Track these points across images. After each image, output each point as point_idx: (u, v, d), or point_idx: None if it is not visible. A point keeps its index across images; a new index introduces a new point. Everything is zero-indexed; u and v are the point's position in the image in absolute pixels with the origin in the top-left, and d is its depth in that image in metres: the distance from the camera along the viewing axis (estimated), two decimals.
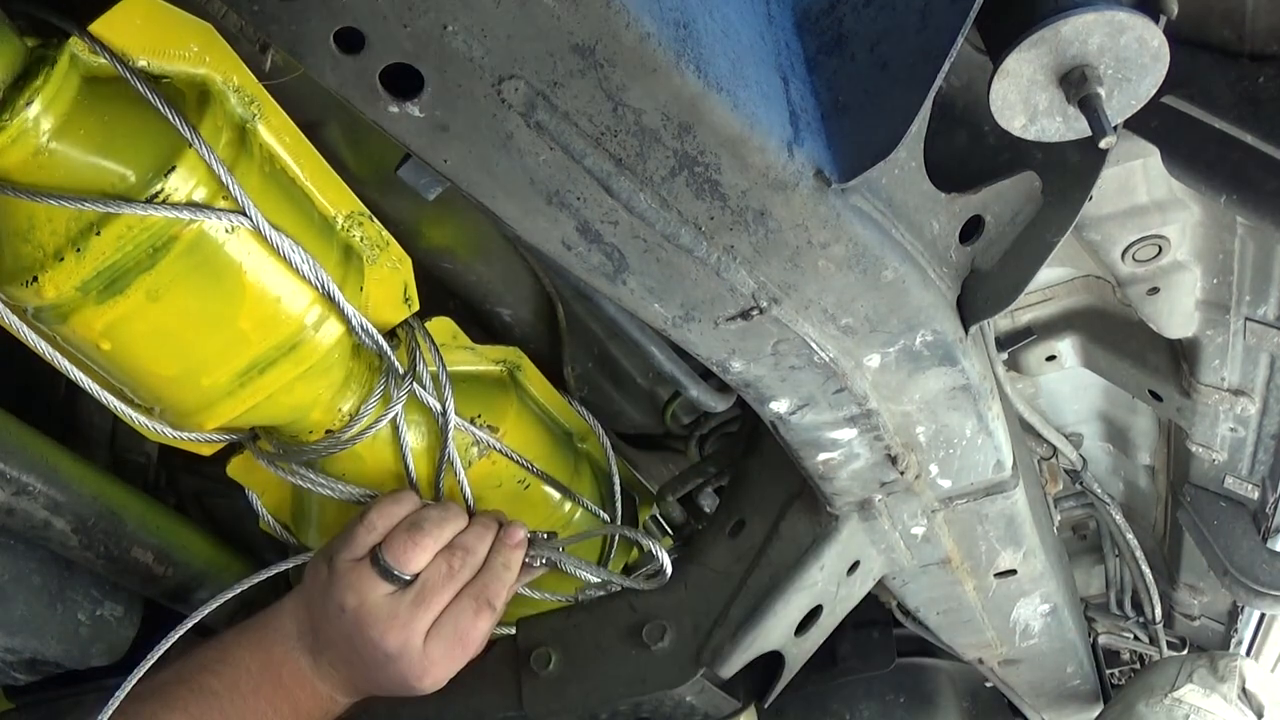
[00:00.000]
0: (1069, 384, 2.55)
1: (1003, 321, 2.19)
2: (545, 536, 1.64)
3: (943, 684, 3.07)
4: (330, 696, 1.59)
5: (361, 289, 1.49)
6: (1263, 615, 3.14)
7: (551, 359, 1.90)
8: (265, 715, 1.53)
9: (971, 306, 1.31)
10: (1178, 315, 1.87)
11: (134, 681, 1.49)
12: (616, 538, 2.00)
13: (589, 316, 1.84)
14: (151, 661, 1.54)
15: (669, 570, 1.61)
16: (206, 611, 1.64)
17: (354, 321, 1.44)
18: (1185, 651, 3.35)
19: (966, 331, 1.32)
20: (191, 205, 1.26)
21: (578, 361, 1.95)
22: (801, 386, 1.30)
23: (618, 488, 1.98)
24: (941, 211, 1.23)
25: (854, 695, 3.01)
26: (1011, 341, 1.84)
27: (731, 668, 1.64)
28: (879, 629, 3.00)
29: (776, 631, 1.67)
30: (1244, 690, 2.53)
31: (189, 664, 1.54)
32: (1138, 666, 3.69)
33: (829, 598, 1.72)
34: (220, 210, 1.27)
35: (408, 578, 1.52)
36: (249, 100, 1.33)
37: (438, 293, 1.76)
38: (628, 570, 2.17)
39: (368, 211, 1.49)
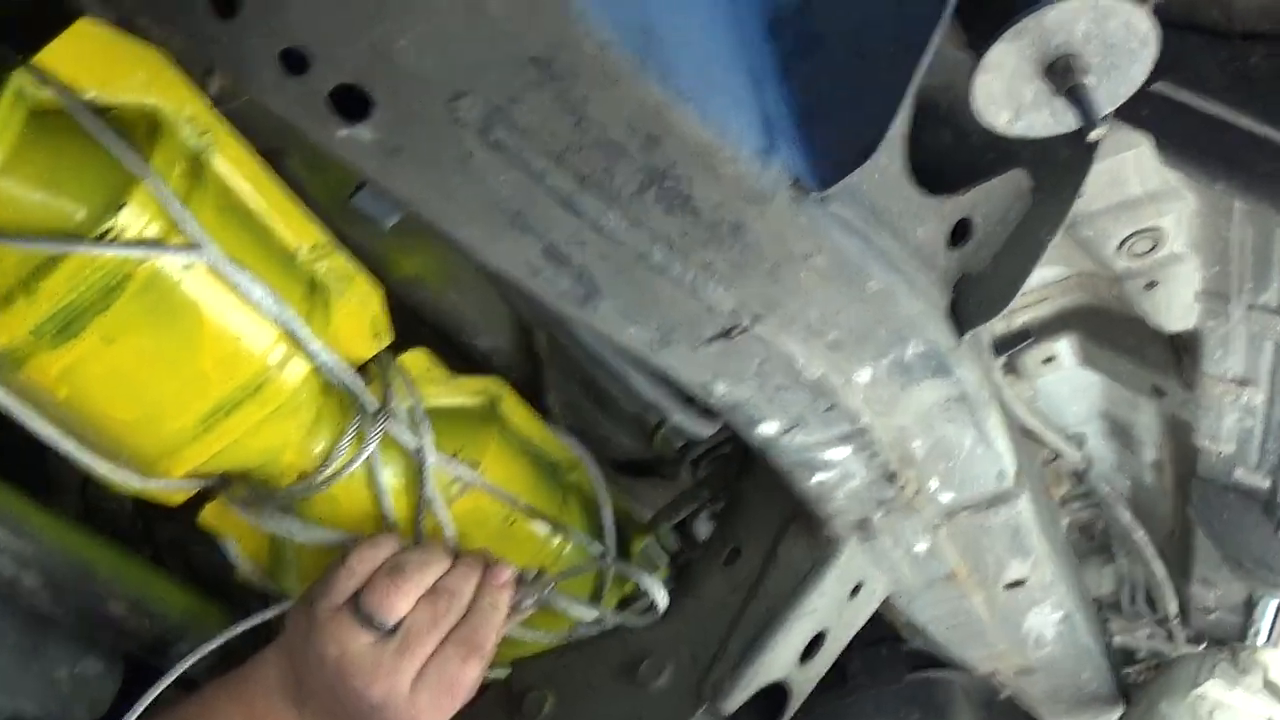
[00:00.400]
0: (1068, 385, 2.48)
1: (997, 325, 2.13)
2: (533, 575, 1.58)
3: (956, 696, 3.01)
4: None
5: (329, 324, 1.43)
6: None
7: (533, 387, 1.84)
8: None
9: (964, 313, 1.25)
10: (1177, 308, 1.81)
11: None
12: (610, 572, 1.93)
13: (570, 342, 1.78)
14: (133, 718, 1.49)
15: (662, 604, 1.55)
16: (186, 665, 1.58)
17: (321, 358, 1.38)
18: (1203, 646, 3.28)
19: (960, 339, 1.26)
20: (144, 243, 1.19)
21: (561, 389, 1.89)
22: (790, 406, 1.24)
23: (609, 519, 1.90)
24: (928, 216, 1.17)
25: (866, 713, 2.95)
26: (1009, 345, 1.79)
27: (734, 702, 1.58)
28: (888, 644, 2.94)
29: (779, 661, 1.61)
30: (1267, 681, 2.51)
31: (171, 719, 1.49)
32: (1155, 665, 3.62)
33: (832, 622, 1.66)
34: (174, 247, 1.21)
35: (390, 625, 1.45)
36: (202, 130, 1.26)
37: (412, 325, 1.69)
38: (624, 603, 2.10)
39: (333, 242, 1.43)
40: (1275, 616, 3.14)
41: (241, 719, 1.49)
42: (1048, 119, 1.05)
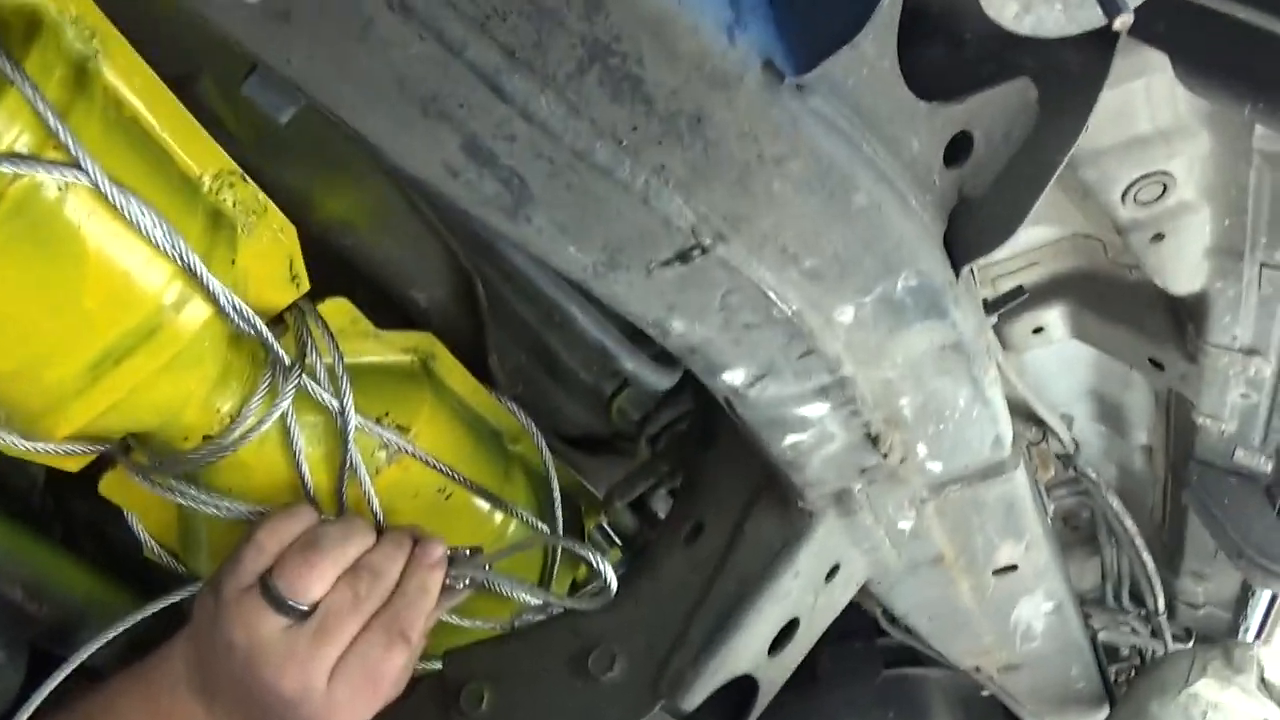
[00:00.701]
0: (1055, 360, 2.33)
1: (983, 290, 1.98)
2: (468, 553, 1.41)
3: (933, 694, 2.89)
4: None
5: (234, 262, 1.26)
6: (1274, 598, 2.93)
7: (477, 348, 1.66)
8: None
9: (961, 243, 1.08)
10: (1185, 265, 1.65)
11: None
12: (558, 552, 1.76)
13: (518, 298, 1.60)
14: (26, 715, 1.38)
15: (614, 585, 1.37)
16: (85, 654, 1.45)
17: (223, 300, 1.21)
18: (1191, 643, 3.15)
19: (957, 274, 1.09)
20: (13, 157, 1.02)
21: (509, 354, 1.72)
22: (760, 350, 1.06)
23: (556, 493, 1.73)
24: (921, 125, 1.00)
25: (837, 713, 2.82)
26: (1001, 304, 1.62)
27: (695, 698, 1.40)
28: (861, 639, 2.79)
29: (747, 652, 1.43)
30: (1263, 680, 2.37)
31: (72, 718, 1.35)
32: (1138, 663, 3.49)
33: (806, 609, 1.48)
34: (50, 163, 1.03)
35: (305, 608, 1.30)
36: (89, 34, 1.09)
37: (343, 278, 1.52)
38: (576, 590, 1.93)
39: (240, 171, 1.27)
40: (1267, 612, 3.02)
41: (146, 715, 1.34)
42: (1060, 16, 0.91)
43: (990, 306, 1.57)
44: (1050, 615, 2.00)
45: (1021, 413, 2.14)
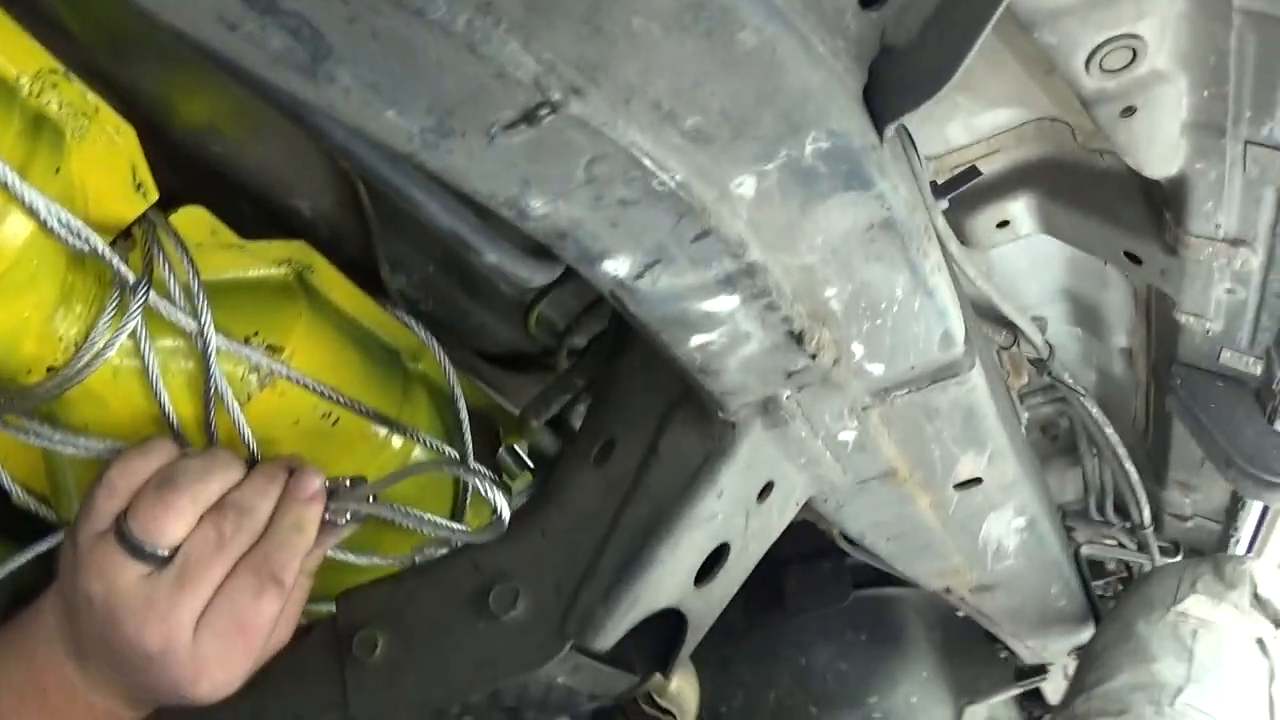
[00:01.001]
0: (1025, 258, 2.18)
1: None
2: (349, 484, 1.25)
3: (908, 616, 2.79)
4: (108, 712, 1.25)
5: (58, 170, 1.11)
6: (1265, 509, 2.80)
7: (373, 260, 1.50)
8: None
9: (884, 98, 0.91)
10: (1160, 143, 1.49)
11: None
12: (471, 485, 1.59)
13: (398, 194, 1.44)
14: None
15: (504, 512, 1.21)
16: None
17: (43, 212, 1.05)
18: (1180, 557, 3.03)
19: (881, 137, 0.92)
20: None
21: (414, 266, 1.56)
22: (643, 233, 0.90)
23: (463, 413, 1.57)
24: None
25: (808, 637, 2.72)
26: (952, 187, 1.46)
27: (609, 636, 1.25)
28: (829, 559, 2.67)
29: (668, 583, 1.28)
30: (1256, 597, 2.23)
31: None
32: (1125, 578, 3.38)
33: (736, 533, 1.32)
34: None
35: (164, 553, 1.16)
36: None
37: (221, 192, 1.36)
38: None
39: (64, 70, 1.11)
40: (1259, 524, 2.90)
41: (21, 678, 1.23)
42: None
43: (941, 189, 1.40)
44: (1023, 532, 1.86)
45: (989, 315, 2.00)
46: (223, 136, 1.35)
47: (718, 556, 1.33)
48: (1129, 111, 1.42)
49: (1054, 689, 3.09)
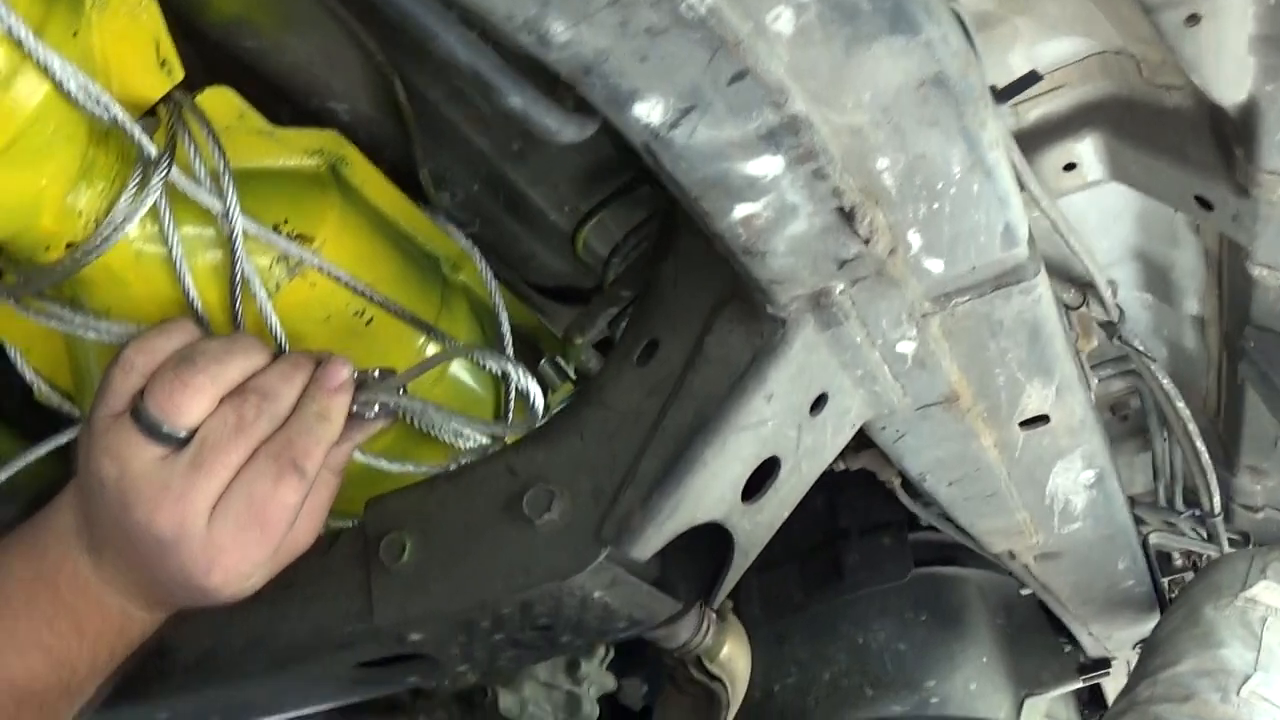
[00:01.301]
0: (1096, 210, 2.11)
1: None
2: (377, 375, 1.21)
3: (970, 596, 2.70)
4: (122, 610, 1.21)
5: (76, 34, 1.07)
6: None
7: (412, 172, 1.46)
8: (39, 638, 1.18)
9: None
10: (1228, 59, 1.41)
11: None
12: (511, 391, 1.53)
13: (448, 102, 1.39)
14: None
15: (538, 402, 1.16)
16: None
17: (59, 73, 1.02)
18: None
19: None
20: None
21: (459, 183, 1.51)
22: (675, 68, 0.83)
23: (505, 326, 1.52)
24: None
25: (866, 614, 2.64)
26: (1012, 92, 1.39)
27: (648, 545, 1.18)
28: (890, 533, 2.60)
29: (712, 492, 1.21)
30: None
31: None
32: (1190, 573, 3.30)
33: (788, 446, 1.26)
34: None
35: (180, 434, 1.12)
36: None
37: (254, 96, 1.32)
38: None
39: None
40: None
41: (32, 574, 1.20)
42: None
43: (1001, 94, 1.34)
44: (1092, 489, 1.79)
45: (1056, 271, 1.93)
46: (255, 30, 1.32)
47: (767, 472, 1.27)
48: (1193, 20, 1.36)
49: (1116, 688, 3.01)
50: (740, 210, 0.99)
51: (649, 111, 0.87)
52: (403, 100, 1.37)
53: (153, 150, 1.12)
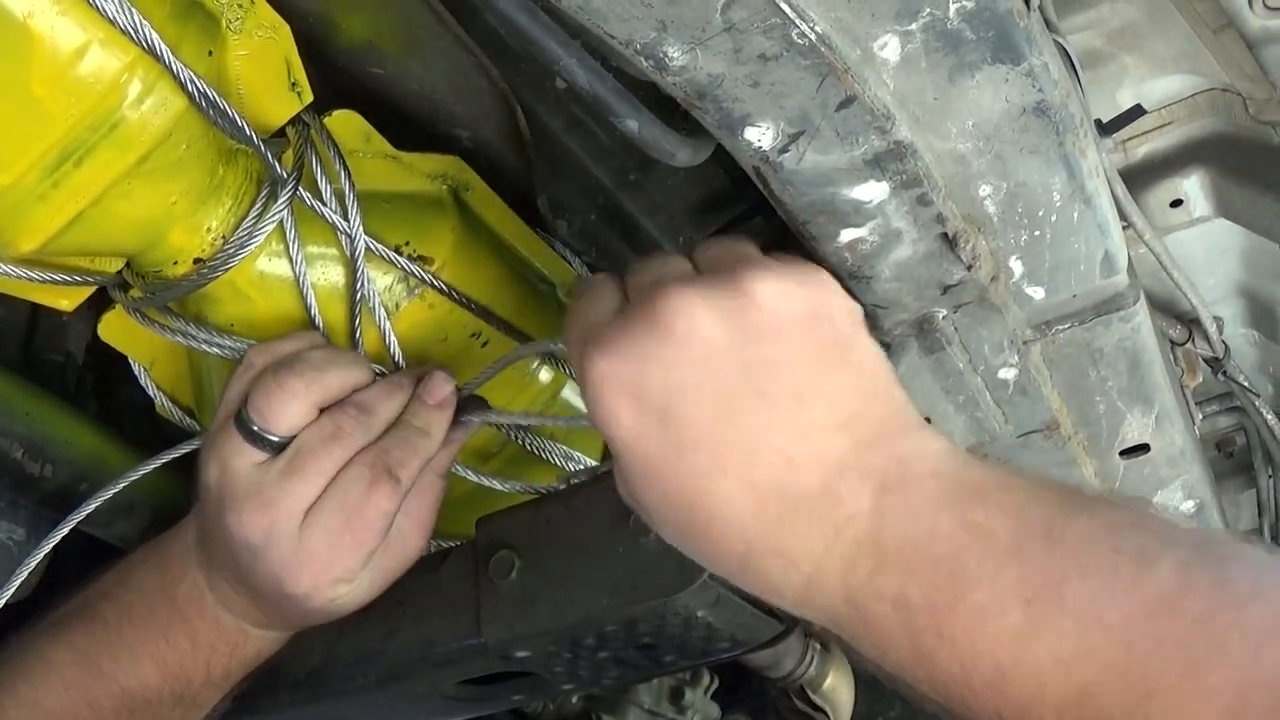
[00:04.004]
0: (1202, 246, 2.11)
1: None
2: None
3: None
4: (236, 626, 1.23)
5: (211, 53, 1.12)
6: None
7: (530, 200, 1.49)
8: (156, 650, 1.19)
9: None
10: None
11: None
12: None
13: (567, 131, 1.42)
14: (16, 585, 1.24)
15: None
16: (83, 514, 1.30)
17: (191, 86, 1.05)
18: None
19: (1027, 3, 0.89)
20: None
21: (575, 210, 1.55)
22: (785, 95, 0.87)
23: None
24: None
25: None
26: (1116, 126, 1.41)
27: None
28: None
29: None
30: None
31: (92, 590, 1.24)
32: None
33: None
34: None
35: (276, 439, 1.14)
36: None
37: (380, 121, 1.36)
38: None
39: None
40: None
41: (154, 586, 1.22)
42: None
43: (1106, 128, 1.36)
44: (1193, 521, 1.77)
45: (1161, 306, 1.94)
46: (383, 56, 1.35)
47: None
48: None
49: None
50: (846, 235, 1.02)
51: (760, 136, 0.91)
52: (524, 128, 1.40)
53: (282, 171, 1.16)
